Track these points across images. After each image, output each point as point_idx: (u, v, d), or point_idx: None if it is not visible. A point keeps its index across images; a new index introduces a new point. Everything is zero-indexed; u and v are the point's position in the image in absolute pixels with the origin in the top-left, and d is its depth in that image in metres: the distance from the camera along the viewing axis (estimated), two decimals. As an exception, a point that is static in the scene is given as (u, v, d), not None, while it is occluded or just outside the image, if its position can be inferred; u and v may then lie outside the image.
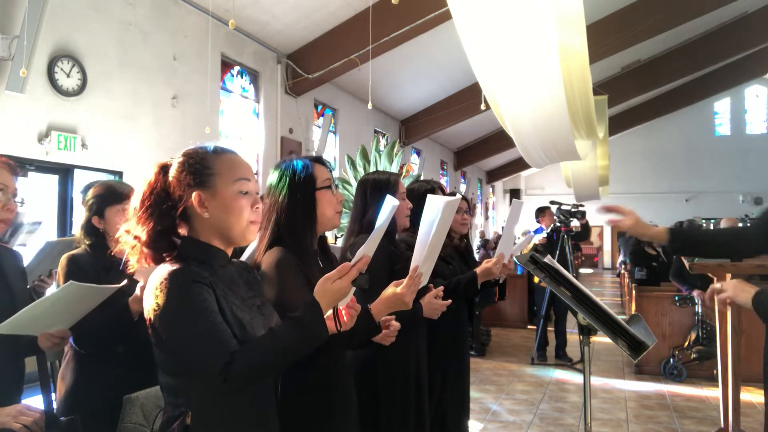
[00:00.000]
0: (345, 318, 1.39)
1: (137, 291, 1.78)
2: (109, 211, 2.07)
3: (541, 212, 7.06)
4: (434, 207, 1.62)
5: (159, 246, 1.32)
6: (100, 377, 1.93)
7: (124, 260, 1.70)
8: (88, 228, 2.07)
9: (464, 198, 3.10)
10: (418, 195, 2.64)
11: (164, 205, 1.32)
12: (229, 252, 1.41)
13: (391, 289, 1.60)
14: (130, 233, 1.33)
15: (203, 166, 1.34)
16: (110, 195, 2.09)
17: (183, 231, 1.36)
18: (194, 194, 1.31)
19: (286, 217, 1.69)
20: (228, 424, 1.30)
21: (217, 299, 1.27)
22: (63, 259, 2.01)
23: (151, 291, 1.26)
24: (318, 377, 1.66)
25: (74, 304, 1.74)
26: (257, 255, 1.73)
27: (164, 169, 1.35)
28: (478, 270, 2.52)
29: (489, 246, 14.53)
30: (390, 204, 1.37)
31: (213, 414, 1.28)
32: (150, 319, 1.25)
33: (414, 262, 1.62)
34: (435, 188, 2.70)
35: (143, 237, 1.31)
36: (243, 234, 1.36)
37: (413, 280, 1.58)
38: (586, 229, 6.98)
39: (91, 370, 1.95)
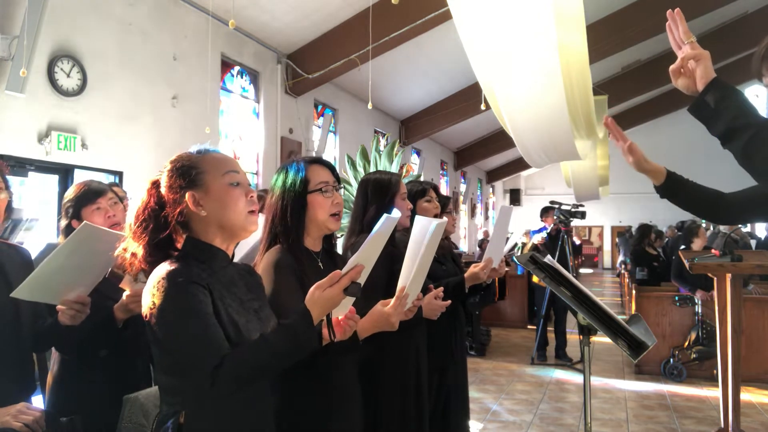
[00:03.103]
0: (341, 327, 1.38)
1: (123, 298, 1.77)
2: (84, 211, 2.07)
3: (545, 212, 7.08)
4: (423, 228, 1.59)
5: (156, 260, 1.32)
6: (86, 380, 1.92)
7: (109, 269, 1.69)
8: (68, 232, 2.05)
9: (447, 197, 3.11)
10: (409, 196, 2.65)
11: (160, 217, 1.33)
12: (231, 250, 1.42)
13: (378, 308, 1.59)
14: (127, 251, 1.35)
15: (190, 167, 1.35)
16: (83, 195, 2.09)
17: (181, 241, 1.37)
18: (187, 194, 1.33)
19: (278, 219, 1.71)
20: (222, 424, 1.30)
21: (214, 301, 1.27)
22: None
23: (148, 289, 1.27)
24: (315, 379, 1.66)
25: (89, 258, 1.69)
26: (258, 254, 1.73)
27: (155, 184, 1.37)
28: (466, 274, 2.55)
29: (484, 246, 14.57)
30: (387, 219, 1.34)
31: (207, 414, 1.28)
32: (146, 316, 1.26)
33: (401, 282, 1.60)
34: (426, 189, 2.70)
35: (140, 252, 1.33)
36: (243, 224, 1.37)
37: (400, 301, 1.57)
38: (578, 249, 7.11)
39: (78, 373, 1.94)
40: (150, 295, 1.25)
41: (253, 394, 1.35)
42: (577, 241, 7.12)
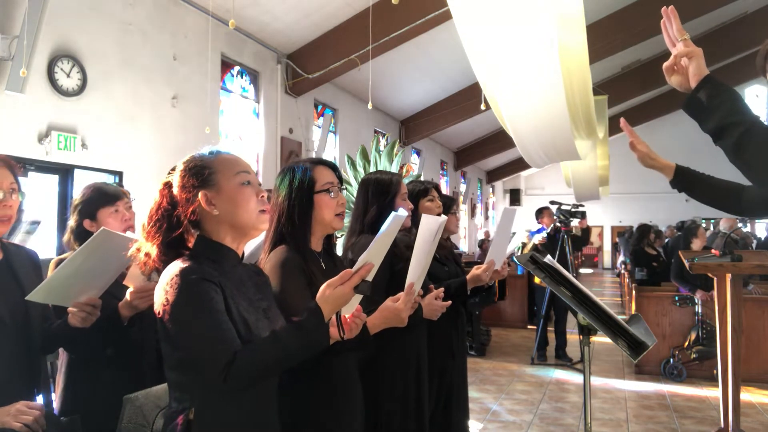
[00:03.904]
0: (348, 325, 1.39)
1: (127, 296, 1.77)
2: (101, 212, 2.07)
3: (540, 213, 7.08)
4: (430, 227, 1.65)
5: (169, 259, 1.35)
6: (95, 379, 1.92)
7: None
8: (79, 232, 2.05)
9: (453, 198, 3.11)
10: (411, 196, 2.65)
11: (172, 216, 1.37)
12: (241, 249, 1.45)
13: (389, 304, 1.62)
14: (140, 251, 1.38)
15: (203, 167, 1.39)
16: (101, 196, 2.10)
17: (192, 240, 1.40)
18: (200, 194, 1.36)
19: (285, 218, 1.73)
20: (230, 421, 1.32)
21: (225, 299, 1.30)
22: (52, 264, 1.99)
23: (161, 287, 1.29)
24: (317, 378, 1.66)
25: (103, 263, 1.71)
26: (262, 253, 1.74)
27: (167, 185, 1.41)
28: (468, 276, 2.56)
29: (484, 246, 14.56)
30: (395, 218, 1.36)
31: (217, 410, 1.30)
32: (159, 313, 1.29)
33: (409, 278, 1.64)
34: (429, 188, 2.70)
35: (153, 252, 1.36)
36: (254, 223, 1.40)
37: (409, 297, 1.62)
38: (586, 234, 7.00)
39: (86, 373, 1.95)
40: (163, 292, 1.28)
41: (261, 392, 1.37)
42: (582, 228, 6.94)
